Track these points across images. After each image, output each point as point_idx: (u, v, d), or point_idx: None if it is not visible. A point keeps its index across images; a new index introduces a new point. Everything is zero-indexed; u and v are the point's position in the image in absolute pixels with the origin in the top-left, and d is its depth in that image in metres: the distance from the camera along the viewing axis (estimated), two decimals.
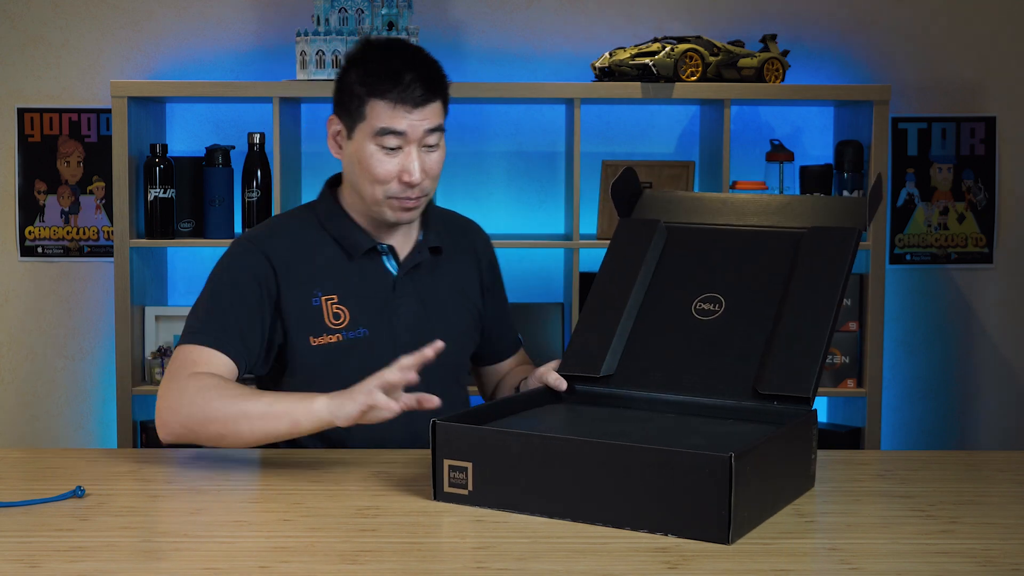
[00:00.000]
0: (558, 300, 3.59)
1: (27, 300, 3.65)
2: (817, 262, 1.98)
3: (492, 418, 1.88)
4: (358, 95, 2.09)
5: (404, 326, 2.18)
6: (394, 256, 2.20)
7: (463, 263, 2.31)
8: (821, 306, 1.92)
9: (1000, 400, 3.73)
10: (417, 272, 2.21)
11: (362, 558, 1.54)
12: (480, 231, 2.40)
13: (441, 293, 2.24)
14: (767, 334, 1.93)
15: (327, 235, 2.19)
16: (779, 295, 1.96)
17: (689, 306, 2.01)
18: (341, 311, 2.15)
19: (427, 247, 2.22)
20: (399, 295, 2.18)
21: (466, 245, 2.33)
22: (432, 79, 2.10)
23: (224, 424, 1.94)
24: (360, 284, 2.17)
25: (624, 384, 1.99)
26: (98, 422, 3.67)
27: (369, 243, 2.18)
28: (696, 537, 1.59)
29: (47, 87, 3.61)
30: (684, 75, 3.28)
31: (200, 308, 2.12)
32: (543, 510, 1.69)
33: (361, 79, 2.09)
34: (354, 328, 2.15)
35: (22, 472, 2.02)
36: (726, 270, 2.04)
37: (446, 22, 3.61)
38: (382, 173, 2.09)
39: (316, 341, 2.13)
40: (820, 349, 1.87)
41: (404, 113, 2.07)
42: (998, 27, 3.66)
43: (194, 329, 2.09)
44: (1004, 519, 1.74)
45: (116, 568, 1.51)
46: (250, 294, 2.12)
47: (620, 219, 2.18)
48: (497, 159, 3.66)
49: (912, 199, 3.68)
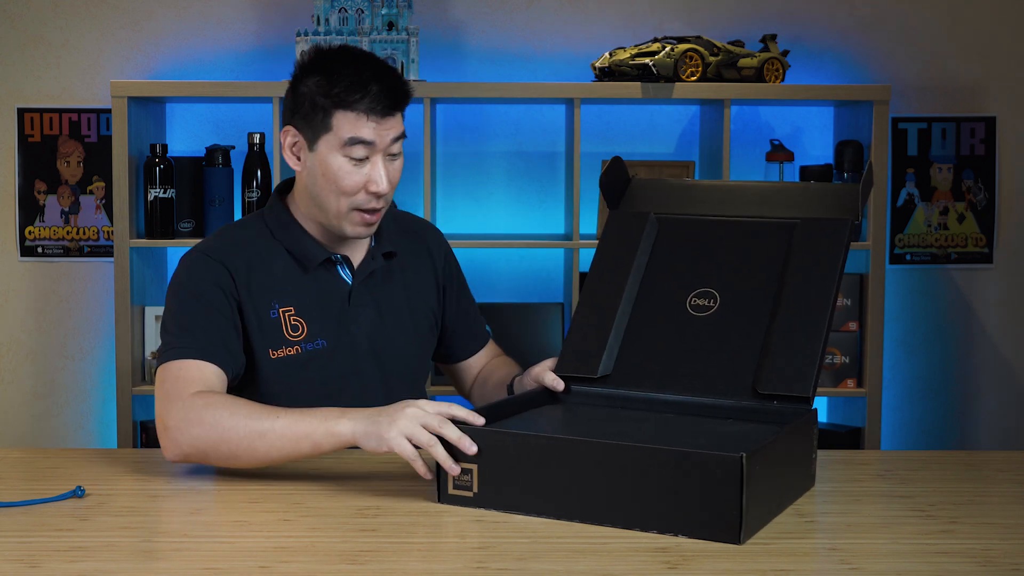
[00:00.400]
0: (558, 300, 3.59)
1: (27, 300, 3.65)
2: (811, 255, 1.96)
3: (493, 419, 1.88)
4: (321, 106, 2.04)
5: (362, 335, 2.16)
6: (348, 265, 2.18)
7: (417, 266, 2.29)
8: (817, 301, 1.91)
9: (1000, 400, 3.73)
10: (372, 280, 2.19)
11: (362, 558, 1.54)
12: (433, 230, 2.37)
13: (396, 299, 2.23)
14: (763, 330, 1.92)
15: (280, 246, 2.15)
16: (774, 290, 1.95)
17: (684, 301, 2.00)
18: (299, 323, 2.12)
19: (380, 253, 2.20)
20: (355, 304, 2.17)
21: (419, 247, 2.31)
22: (397, 88, 2.06)
23: (238, 444, 1.88)
24: (316, 295, 2.15)
25: (622, 384, 1.98)
26: (98, 422, 3.67)
27: (323, 254, 2.15)
28: (706, 538, 1.59)
29: (47, 87, 3.61)
30: (684, 75, 3.28)
31: (172, 324, 2.06)
32: (549, 512, 1.69)
33: (324, 90, 2.04)
34: (312, 340, 2.12)
35: (22, 472, 2.02)
36: (719, 264, 2.02)
37: (446, 22, 3.61)
38: (349, 185, 2.05)
39: (275, 354, 2.10)
40: (818, 347, 1.87)
41: (372, 124, 2.04)
42: (998, 27, 3.66)
43: (173, 345, 2.02)
44: (1004, 519, 1.74)
45: (116, 568, 1.51)
46: (219, 302, 2.07)
47: (610, 211, 2.15)
48: (497, 159, 3.66)
49: (912, 199, 3.68)
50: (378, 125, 2.05)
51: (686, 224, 2.09)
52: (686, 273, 2.03)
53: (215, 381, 2.01)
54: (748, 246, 2.03)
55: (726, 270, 2.01)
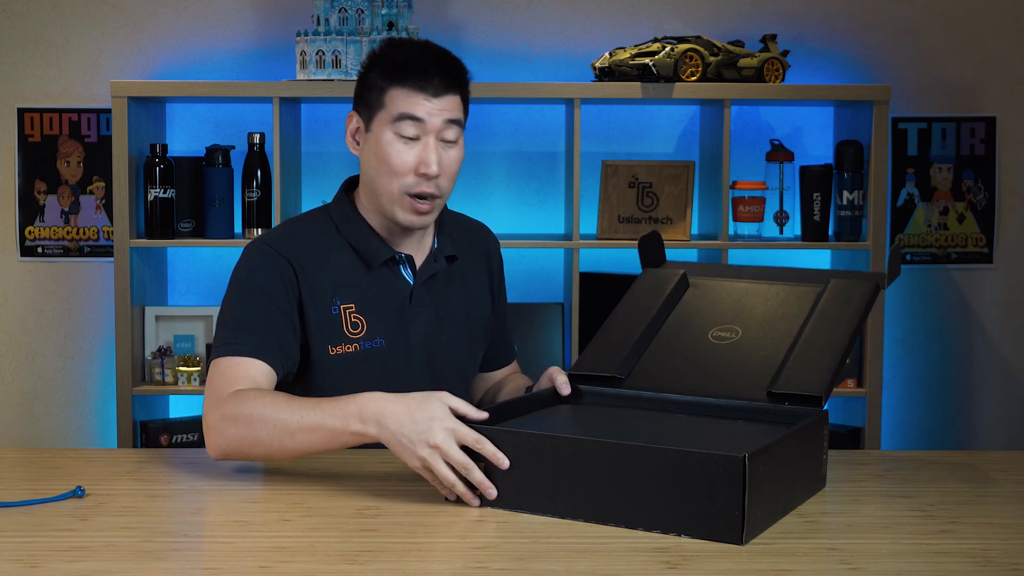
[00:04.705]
0: (558, 300, 3.59)
1: (27, 300, 3.65)
2: (836, 302, 2.01)
3: (502, 419, 1.88)
4: (378, 86, 2.07)
5: (419, 337, 2.15)
6: (410, 265, 2.17)
7: (476, 270, 2.28)
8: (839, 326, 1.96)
9: (1000, 400, 3.73)
10: (433, 282, 2.18)
11: (362, 558, 1.54)
12: (491, 234, 2.37)
13: (455, 304, 2.22)
14: (784, 352, 1.95)
15: (343, 241, 2.14)
16: (797, 328, 2.00)
17: (706, 333, 2.04)
18: (359, 320, 2.11)
19: (443, 255, 2.19)
20: (415, 306, 2.15)
21: (479, 250, 2.30)
22: (452, 71, 2.08)
23: (270, 444, 1.87)
24: (377, 293, 2.13)
25: (634, 385, 1.99)
26: (98, 422, 3.67)
27: (387, 253, 2.14)
28: (709, 538, 1.59)
29: (47, 87, 3.61)
30: (684, 75, 3.28)
31: (229, 317, 2.04)
32: (555, 511, 1.69)
33: (382, 72, 2.07)
34: (371, 338, 2.11)
35: (22, 472, 2.02)
36: (748, 310, 2.07)
37: (446, 22, 3.61)
38: (399, 163, 2.05)
39: (334, 350, 2.09)
40: (838, 353, 1.89)
41: (423, 100, 2.04)
42: (998, 27, 3.66)
43: (227, 340, 2.01)
44: (1004, 519, 1.74)
45: (116, 568, 1.51)
46: (279, 296, 2.06)
47: (643, 269, 2.22)
48: (497, 159, 3.66)
49: (912, 199, 3.68)
50: (429, 102, 2.05)
51: (717, 285, 2.15)
52: (711, 313, 2.08)
53: (263, 379, 1.99)
54: (776, 300, 2.07)
55: (753, 314, 2.06)
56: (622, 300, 2.15)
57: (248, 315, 2.04)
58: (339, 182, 2.30)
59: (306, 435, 1.85)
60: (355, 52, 3.28)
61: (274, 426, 1.86)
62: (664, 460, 1.61)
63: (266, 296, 2.06)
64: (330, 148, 3.61)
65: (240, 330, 2.02)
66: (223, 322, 2.05)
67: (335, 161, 3.60)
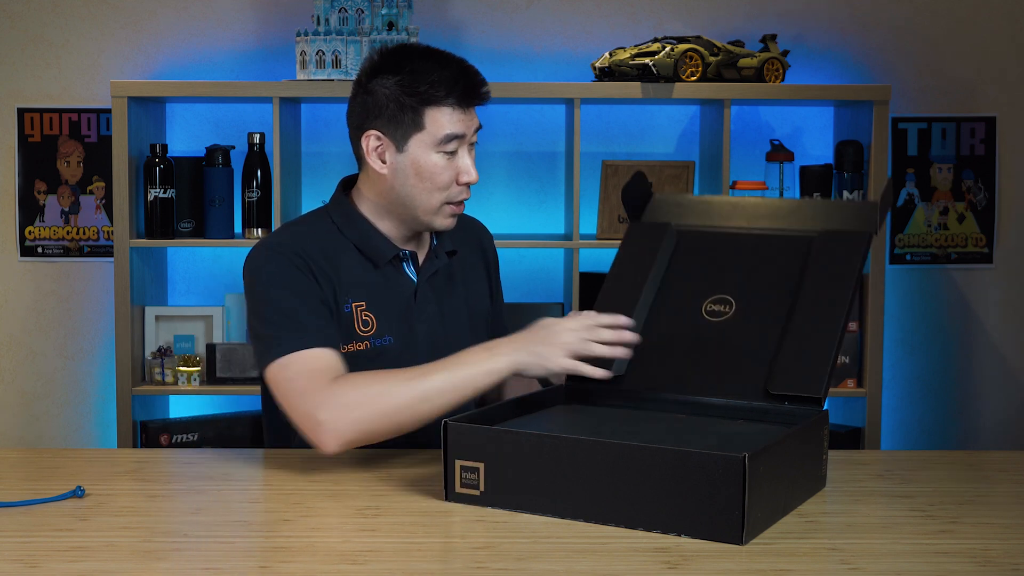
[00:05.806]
0: (558, 300, 3.59)
1: (27, 300, 3.65)
2: (828, 265, 1.98)
3: (503, 418, 1.88)
4: (409, 106, 2.05)
5: (425, 333, 2.16)
6: (413, 262, 2.18)
7: (474, 263, 2.31)
8: (832, 307, 1.93)
9: (1000, 400, 3.73)
10: (436, 278, 2.20)
11: (362, 558, 1.54)
12: (484, 229, 2.40)
13: (457, 299, 2.24)
14: (778, 335, 1.93)
15: (347, 241, 2.14)
16: (790, 297, 1.97)
17: (699, 308, 2.02)
18: (369, 318, 2.12)
19: (444, 251, 2.21)
20: (420, 303, 2.17)
21: (474, 243, 2.33)
22: (480, 80, 2.10)
23: (401, 413, 1.91)
24: (384, 291, 2.14)
25: (635, 385, 1.99)
26: (98, 422, 3.67)
27: (392, 251, 2.15)
28: (710, 538, 1.59)
29: (47, 87, 3.61)
30: (684, 75, 3.28)
31: (269, 322, 2.01)
32: (555, 511, 1.69)
33: (408, 89, 2.05)
34: (381, 336, 2.12)
35: (22, 472, 2.02)
36: (737, 273, 2.04)
37: (446, 22, 3.61)
38: (445, 180, 2.08)
39: (346, 348, 2.08)
40: (831, 349, 1.88)
41: (462, 116, 2.07)
42: (998, 27, 3.66)
43: (281, 339, 1.98)
44: (1004, 519, 1.74)
45: (116, 568, 1.51)
46: (308, 287, 2.05)
47: (630, 222, 2.18)
48: (497, 159, 3.66)
49: (912, 199, 3.68)
50: (465, 116, 2.08)
51: (705, 236, 2.12)
52: (703, 281, 2.05)
53: (340, 365, 1.99)
54: (766, 257, 2.05)
55: (743, 279, 2.03)
56: (611, 270, 2.12)
57: (292, 311, 2.02)
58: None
59: (438, 393, 1.92)
60: (355, 52, 3.28)
61: (405, 395, 1.91)
62: (664, 460, 1.61)
63: (298, 289, 2.05)
64: (330, 148, 3.61)
65: (292, 326, 2.00)
66: (266, 326, 2.02)
67: (335, 161, 3.60)
